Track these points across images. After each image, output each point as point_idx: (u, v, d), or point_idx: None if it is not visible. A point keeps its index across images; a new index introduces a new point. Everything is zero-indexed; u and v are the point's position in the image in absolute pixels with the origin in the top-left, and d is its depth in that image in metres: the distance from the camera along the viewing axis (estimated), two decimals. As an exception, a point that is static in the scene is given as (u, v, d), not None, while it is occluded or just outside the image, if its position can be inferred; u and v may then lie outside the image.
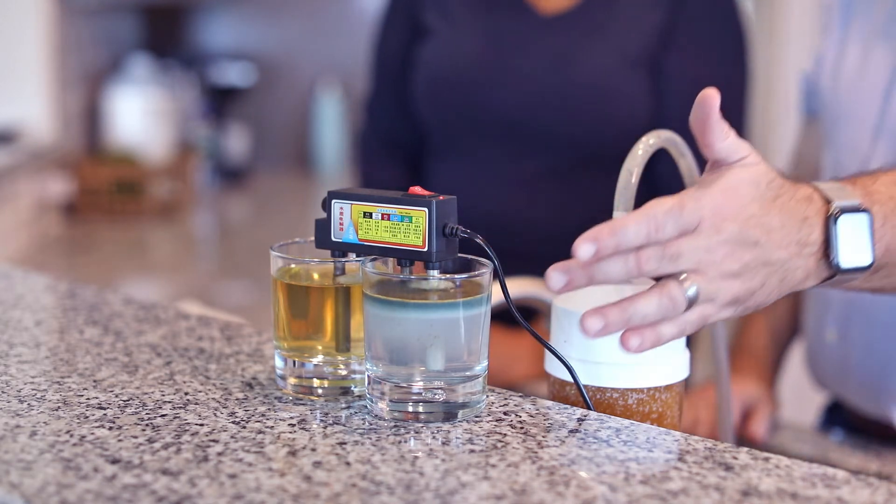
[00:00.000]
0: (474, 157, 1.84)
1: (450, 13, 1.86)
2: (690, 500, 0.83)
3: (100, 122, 3.46)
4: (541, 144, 1.80)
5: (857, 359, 1.45)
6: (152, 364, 1.10)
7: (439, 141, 1.89)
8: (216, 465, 0.87)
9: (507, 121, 1.80)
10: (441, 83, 1.85)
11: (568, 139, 1.79)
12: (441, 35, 1.86)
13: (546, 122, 1.79)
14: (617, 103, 1.76)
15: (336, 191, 1.00)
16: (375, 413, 0.97)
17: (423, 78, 1.87)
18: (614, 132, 1.77)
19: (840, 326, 1.47)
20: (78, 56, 3.32)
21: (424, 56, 1.87)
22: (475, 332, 0.96)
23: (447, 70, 1.84)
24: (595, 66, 1.77)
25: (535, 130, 1.80)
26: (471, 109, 1.82)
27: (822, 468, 0.88)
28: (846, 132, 1.47)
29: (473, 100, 1.82)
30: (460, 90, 1.83)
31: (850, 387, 1.48)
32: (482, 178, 1.82)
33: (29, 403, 0.99)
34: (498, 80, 1.80)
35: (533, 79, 1.79)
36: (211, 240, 3.43)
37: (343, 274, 1.01)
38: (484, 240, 0.96)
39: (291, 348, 1.02)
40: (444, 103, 1.85)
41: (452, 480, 0.85)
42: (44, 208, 3.06)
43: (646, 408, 1.01)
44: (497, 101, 1.80)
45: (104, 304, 1.31)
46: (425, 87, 1.87)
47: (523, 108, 1.79)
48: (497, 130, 1.82)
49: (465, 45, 1.84)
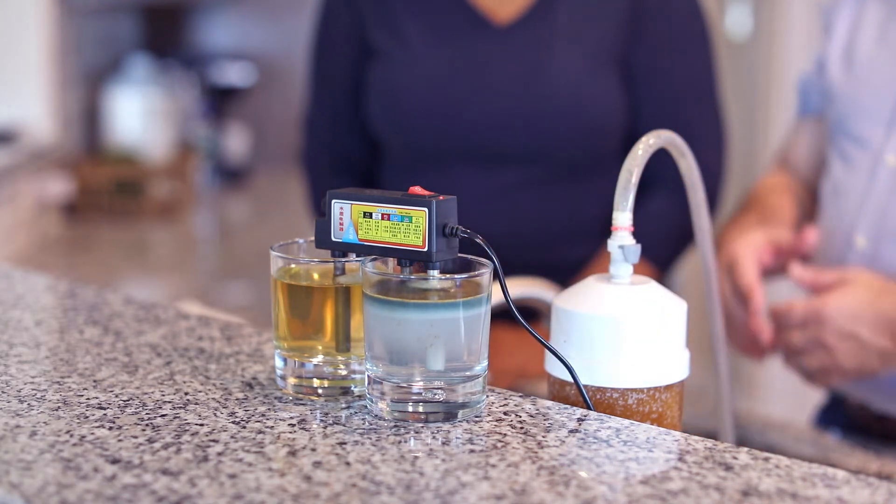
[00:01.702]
0: (447, 173, 1.77)
1: (401, 33, 1.77)
2: (690, 500, 0.83)
3: (100, 122, 3.46)
4: (517, 157, 1.75)
5: None
6: (152, 364, 1.10)
7: (401, 156, 1.82)
8: (216, 465, 0.87)
9: (478, 139, 1.74)
10: (401, 107, 1.76)
11: (544, 149, 1.73)
12: (395, 59, 1.77)
13: (520, 135, 1.73)
14: (591, 107, 1.71)
15: (336, 191, 1.00)
16: (375, 413, 0.97)
17: (381, 103, 1.78)
18: (588, 138, 1.73)
19: None
20: (78, 56, 3.32)
21: (379, 80, 1.78)
22: (475, 332, 0.96)
23: (407, 95, 1.75)
24: (563, 71, 1.72)
25: (509, 144, 1.74)
26: (439, 133, 1.75)
27: (822, 468, 0.88)
28: (858, 125, 1.48)
29: (441, 124, 1.74)
30: (422, 114, 1.75)
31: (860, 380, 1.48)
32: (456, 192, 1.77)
33: (29, 403, 0.99)
34: (464, 101, 1.73)
35: (501, 94, 1.72)
36: (211, 240, 3.43)
37: (343, 274, 1.01)
38: (484, 240, 0.96)
39: (291, 348, 1.02)
40: (405, 126, 1.77)
41: (452, 480, 0.85)
42: (44, 208, 3.06)
43: (646, 408, 1.01)
44: (466, 121, 1.74)
45: (104, 304, 1.31)
46: (382, 110, 1.78)
47: (494, 125, 1.73)
48: (469, 148, 1.75)
49: (423, 68, 1.75)
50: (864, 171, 1.47)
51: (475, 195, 1.75)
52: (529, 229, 1.77)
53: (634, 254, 1.02)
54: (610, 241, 1.03)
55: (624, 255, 1.02)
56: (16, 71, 3.06)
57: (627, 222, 1.02)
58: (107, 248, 3.03)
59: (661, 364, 1.01)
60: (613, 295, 1.02)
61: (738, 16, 3.80)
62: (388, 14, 1.79)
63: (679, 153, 1.10)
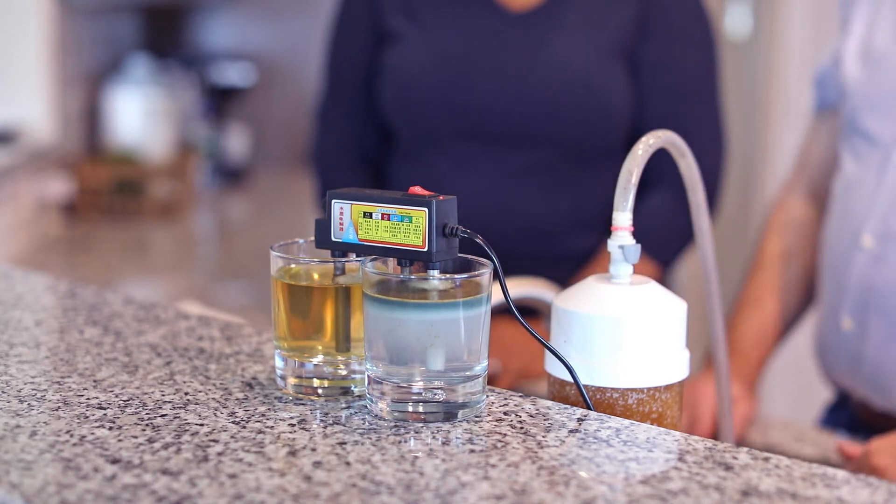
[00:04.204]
0: (453, 156, 1.81)
1: (418, 17, 1.83)
2: (690, 500, 0.83)
3: (100, 122, 3.46)
4: (522, 141, 1.79)
5: (873, 347, 1.46)
6: (152, 364, 1.10)
7: (411, 142, 1.86)
8: (216, 465, 0.87)
9: (486, 121, 1.79)
10: (415, 87, 1.81)
11: (550, 134, 1.78)
12: (411, 39, 1.82)
13: (526, 120, 1.77)
14: (597, 96, 1.76)
15: (336, 191, 1.00)
16: (375, 413, 0.97)
17: (394, 82, 1.83)
18: (596, 125, 1.77)
19: (857, 315, 1.47)
20: (78, 56, 3.32)
21: (394, 61, 1.83)
22: (475, 332, 0.96)
23: (421, 74, 1.80)
24: (573, 57, 1.77)
25: (515, 128, 1.78)
26: (448, 112, 1.80)
27: (822, 468, 0.88)
28: (869, 122, 1.48)
29: (450, 102, 1.79)
30: (436, 93, 1.79)
31: (862, 377, 1.48)
32: (462, 176, 1.80)
33: (29, 403, 0.99)
34: (474, 82, 1.78)
35: (510, 77, 1.77)
36: (211, 240, 3.43)
37: (343, 274, 1.01)
38: (484, 240, 0.96)
39: (291, 348, 1.02)
40: (418, 107, 1.81)
41: (452, 480, 0.85)
42: (44, 208, 3.06)
43: (646, 408, 1.01)
44: (474, 102, 1.78)
45: (104, 304, 1.31)
46: (397, 91, 1.82)
47: (502, 107, 1.77)
48: (477, 130, 1.80)
49: (438, 47, 1.81)
50: (874, 169, 1.47)
51: (483, 179, 1.79)
52: (535, 216, 1.80)
53: (634, 254, 1.02)
54: (610, 241, 1.03)
55: (624, 255, 1.02)
56: (16, 71, 3.06)
57: (627, 222, 1.02)
58: (107, 248, 3.03)
59: (661, 364, 1.01)
60: (613, 295, 1.02)
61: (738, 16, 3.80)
62: (408, 2, 1.84)
63: (679, 153, 1.10)
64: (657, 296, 1.02)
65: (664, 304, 1.02)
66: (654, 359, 1.00)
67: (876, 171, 1.46)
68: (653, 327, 1.01)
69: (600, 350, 1.00)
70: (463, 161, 1.80)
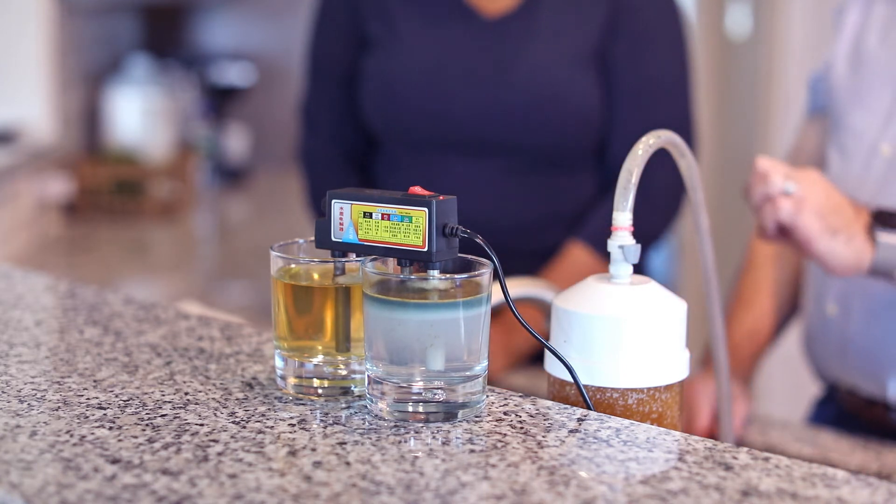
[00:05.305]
0: (431, 162, 1.83)
1: (394, 24, 1.83)
2: (690, 500, 0.83)
3: (100, 122, 3.46)
4: (498, 147, 1.80)
5: (857, 331, 1.48)
6: (152, 364, 1.10)
7: (391, 148, 1.87)
8: (216, 465, 0.87)
9: (462, 128, 1.80)
10: (392, 97, 1.82)
11: (525, 140, 1.79)
12: (388, 47, 1.83)
13: (500, 127, 1.78)
14: (568, 98, 1.77)
15: (336, 191, 1.00)
16: (375, 413, 0.97)
17: (373, 91, 1.84)
18: (569, 131, 1.78)
19: (841, 299, 1.50)
20: (78, 56, 3.32)
21: (372, 68, 1.84)
22: (475, 332, 0.96)
23: (397, 84, 1.81)
24: (542, 64, 1.78)
25: (491, 134, 1.79)
26: (424, 120, 1.81)
27: (822, 468, 0.88)
28: (856, 117, 1.51)
29: (426, 112, 1.80)
30: (412, 103, 1.81)
31: (848, 362, 1.50)
32: (441, 182, 1.81)
33: (29, 403, 0.99)
34: (448, 91, 1.79)
35: (483, 86, 1.78)
36: (211, 240, 3.43)
37: (343, 274, 1.01)
38: (484, 240, 0.96)
39: (291, 348, 1.02)
40: (395, 116, 1.83)
41: (452, 480, 0.85)
42: (44, 208, 3.06)
43: (646, 408, 1.01)
44: (452, 111, 1.79)
45: (104, 304, 1.31)
46: (377, 99, 1.84)
47: (476, 116, 1.79)
48: (453, 137, 1.81)
49: (414, 56, 1.81)
50: (859, 162, 1.50)
51: (459, 184, 1.80)
52: (510, 218, 1.82)
53: (634, 254, 1.02)
54: (610, 241, 1.03)
55: (624, 255, 1.02)
56: (16, 71, 3.06)
57: (627, 222, 1.02)
58: (107, 248, 3.03)
59: (660, 364, 1.01)
60: (613, 295, 1.02)
61: (738, 16, 3.80)
62: (384, 6, 1.85)
63: (679, 153, 1.11)
64: (657, 296, 1.03)
65: (664, 304, 1.02)
66: (654, 359, 1.00)
67: (861, 164, 1.49)
68: (653, 327, 1.01)
69: (600, 350, 1.00)
70: (440, 167, 1.82)
